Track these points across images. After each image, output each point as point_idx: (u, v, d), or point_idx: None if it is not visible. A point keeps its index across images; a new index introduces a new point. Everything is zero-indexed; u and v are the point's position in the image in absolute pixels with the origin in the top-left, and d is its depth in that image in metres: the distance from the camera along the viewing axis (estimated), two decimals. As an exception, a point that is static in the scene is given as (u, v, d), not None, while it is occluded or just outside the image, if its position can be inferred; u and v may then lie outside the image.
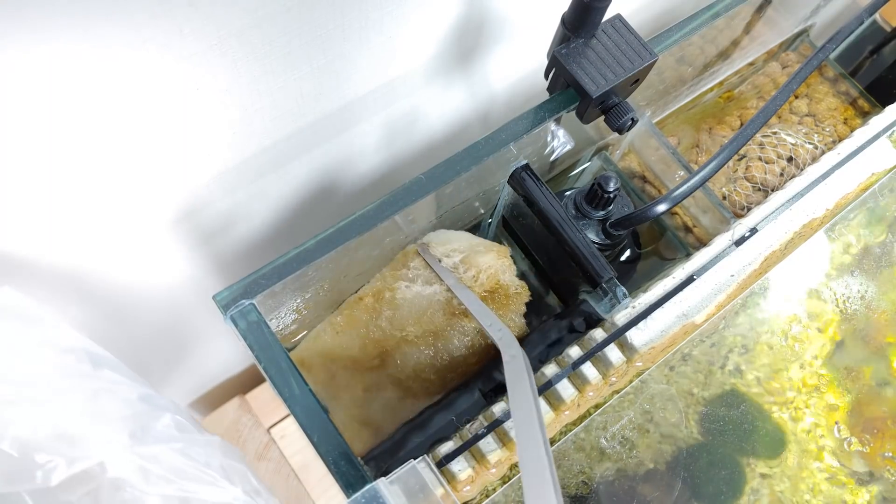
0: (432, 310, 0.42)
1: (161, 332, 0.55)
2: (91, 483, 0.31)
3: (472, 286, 0.43)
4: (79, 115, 0.32)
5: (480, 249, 0.44)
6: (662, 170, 0.53)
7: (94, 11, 0.27)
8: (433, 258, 0.44)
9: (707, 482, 0.41)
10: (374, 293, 0.43)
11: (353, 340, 0.43)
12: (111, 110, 0.33)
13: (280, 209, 0.50)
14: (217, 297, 0.35)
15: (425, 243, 0.45)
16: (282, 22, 0.34)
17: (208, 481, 0.33)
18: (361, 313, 0.43)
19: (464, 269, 0.43)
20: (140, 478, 0.31)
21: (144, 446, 0.32)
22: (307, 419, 0.33)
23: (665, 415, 0.42)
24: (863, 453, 0.43)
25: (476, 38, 0.47)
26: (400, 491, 0.32)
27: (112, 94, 0.32)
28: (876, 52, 0.64)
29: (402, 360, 0.42)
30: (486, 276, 0.43)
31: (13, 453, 0.30)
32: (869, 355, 0.45)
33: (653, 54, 0.40)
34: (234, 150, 0.41)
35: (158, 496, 0.31)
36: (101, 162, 0.35)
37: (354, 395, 0.43)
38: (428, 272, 0.43)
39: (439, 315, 0.42)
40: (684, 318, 0.42)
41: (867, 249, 0.48)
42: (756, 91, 0.61)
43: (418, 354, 0.42)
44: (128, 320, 0.50)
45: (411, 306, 0.42)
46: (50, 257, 0.39)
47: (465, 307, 0.41)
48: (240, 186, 0.44)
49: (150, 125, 0.35)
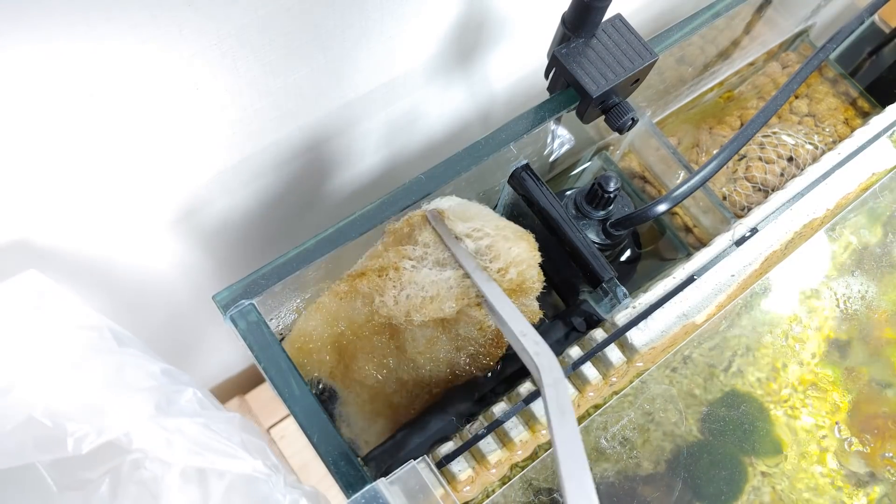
0: (442, 299, 0.35)
1: (161, 332, 0.55)
2: (117, 458, 0.31)
3: (496, 281, 0.35)
4: (78, 116, 0.32)
5: (509, 235, 0.36)
6: (663, 170, 0.53)
7: (94, 11, 0.27)
8: (449, 233, 0.36)
9: (707, 482, 0.41)
10: (374, 271, 0.37)
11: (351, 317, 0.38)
12: (110, 110, 0.33)
13: (280, 209, 0.50)
14: (217, 298, 0.35)
15: (438, 211, 0.37)
16: (282, 22, 0.34)
17: (230, 454, 0.34)
18: (348, 302, 0.37)
19: (489, 259, 0.35)
20: (165, 448, 0.32)
21: (169, 418, 0.33)
22: (307, 419, 0.33)
23: (665, 415, 0.42)
24: (863, 453, 0.43)
25: (476, 38, 0.47)
26: (400, 491, 0.32)
27: (111, 93, 0.32)
28: (875, 53, 0.64)
29: (413, 340, 0.38)
30: (517, 272, 0.35)
31: (46, 422, 0.30)
32: (869, 355, 0.45)
33: (653, 54, 0.40)
34: (234, 149, 0.41)
35: (182, 466, 0.32)
36: (100, 162, 0.35)
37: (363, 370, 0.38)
38: (440, 251, 0.36)
39: (449, 304, 0.35)
40: (685, 318, 0.41)
41: (867, 249, 0.48)
42: (756, 91, 0.61)
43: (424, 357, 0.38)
44: (127, 320, 0.50)
45: (417, 295, 0.35)
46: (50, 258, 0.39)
47: (488, 306, 0.34)
48: (239, 186, 0.44)
49: (149, 124, 0.35)
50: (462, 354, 0.39)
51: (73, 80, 0.30)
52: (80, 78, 0.30)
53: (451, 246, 0.35)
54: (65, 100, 0.30)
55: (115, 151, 0.35)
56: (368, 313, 0.37)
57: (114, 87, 0.31)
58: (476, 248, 0.35)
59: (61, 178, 0.34)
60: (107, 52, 0.29)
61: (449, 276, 0.35)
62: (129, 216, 0.40)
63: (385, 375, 0.40)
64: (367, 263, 0.38)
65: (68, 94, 0.30)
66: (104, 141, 0.34)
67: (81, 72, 0.29)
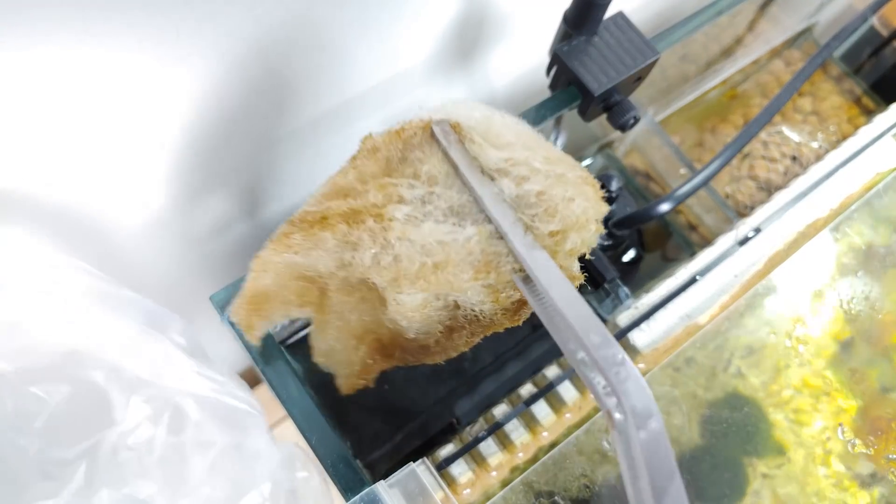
0: (453, 267, 0.23)
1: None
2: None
3: (549, 251, 0.23)
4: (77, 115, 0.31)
5: (567, 176, 0.24)
6: (665, 168, 0.52)
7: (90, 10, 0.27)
8: (471, 164, 0.23)
9: (710, 484, 0.41)
10: (343, 217, 0.25)
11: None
12: (110, 110, 0.32)
13: (279, 209, 0.49)
14: (214, 298, 0.34)
15: (453, 124, 0.25)
16: (280, 20, 0.34)
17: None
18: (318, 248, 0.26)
19: (538, 214, 0.23)
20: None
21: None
22: (305, 421, 0.33)
23: (668, 417, 0.41)
24: (867, 455, 0.43)
25: (477, 36, 0.46)
26: (399, 494, 0.32)
27: (109, 93, 0.31)
28: (875, 54, 0.64)
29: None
30: (580, 239, 0.24)
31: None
32: (873, 356, 0.45)
33: (655, 52, 0.39)
34: (233, 149, 0.40)
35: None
36: (96, 160, 0.35)
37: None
38: (456, 193, 0.23)
39: (466, 275, 0.23)
40: (687, 318, 0.41)
41: (872, 249, 0.47)
42: (760, 89, 0.60)
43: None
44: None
45: (412, 259, 0.24)
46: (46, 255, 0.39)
47: (531, 291, 0.22)
48: (237, 186, 0.44)
49: (148, 125, 0.35)
50: (463, 332, 0.28)
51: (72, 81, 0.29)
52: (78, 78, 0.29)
53: (476, 186, 0.23)
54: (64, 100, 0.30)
55: (113, 152, 0.35)
56: (335, 267, 0.27)
57: (112, 87, 0.31)
58: (518, 195, 0.23)
59: (59, 178, 0.34)
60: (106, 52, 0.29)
61: (470, 236, 0.23)
62: (130, 216, 0.40)
63: (367, 323, 0.30)
64: (330, 203, 0.25)
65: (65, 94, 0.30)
66: (101, 141, 0.34)
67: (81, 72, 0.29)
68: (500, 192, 0.24)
